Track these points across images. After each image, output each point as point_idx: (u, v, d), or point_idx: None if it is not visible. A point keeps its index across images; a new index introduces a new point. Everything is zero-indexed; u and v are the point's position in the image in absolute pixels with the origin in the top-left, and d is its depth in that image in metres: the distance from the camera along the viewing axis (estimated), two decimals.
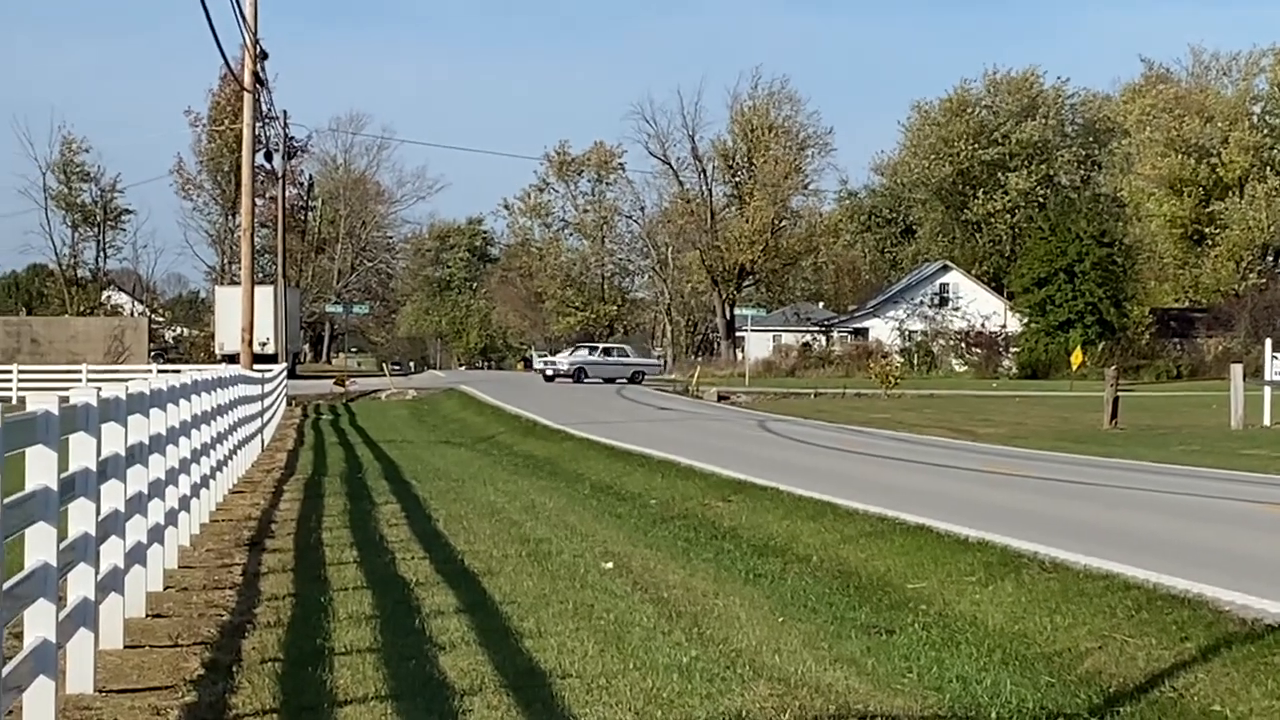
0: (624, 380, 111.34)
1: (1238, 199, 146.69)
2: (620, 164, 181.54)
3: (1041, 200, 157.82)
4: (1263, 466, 40.33)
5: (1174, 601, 17.68)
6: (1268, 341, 73.53)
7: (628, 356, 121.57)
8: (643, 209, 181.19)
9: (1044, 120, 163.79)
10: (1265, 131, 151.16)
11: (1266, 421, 62.29)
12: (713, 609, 19.39)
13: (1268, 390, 65.00)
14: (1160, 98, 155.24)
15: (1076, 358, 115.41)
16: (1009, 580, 20.19)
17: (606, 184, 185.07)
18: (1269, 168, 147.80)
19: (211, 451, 28.72)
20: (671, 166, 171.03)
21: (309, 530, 27.88)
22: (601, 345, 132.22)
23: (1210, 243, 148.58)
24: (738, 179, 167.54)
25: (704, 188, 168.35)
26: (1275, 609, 16.79)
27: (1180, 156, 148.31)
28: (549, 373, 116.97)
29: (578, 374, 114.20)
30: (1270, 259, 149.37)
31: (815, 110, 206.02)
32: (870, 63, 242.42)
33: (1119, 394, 64.52)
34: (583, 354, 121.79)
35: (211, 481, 29.07)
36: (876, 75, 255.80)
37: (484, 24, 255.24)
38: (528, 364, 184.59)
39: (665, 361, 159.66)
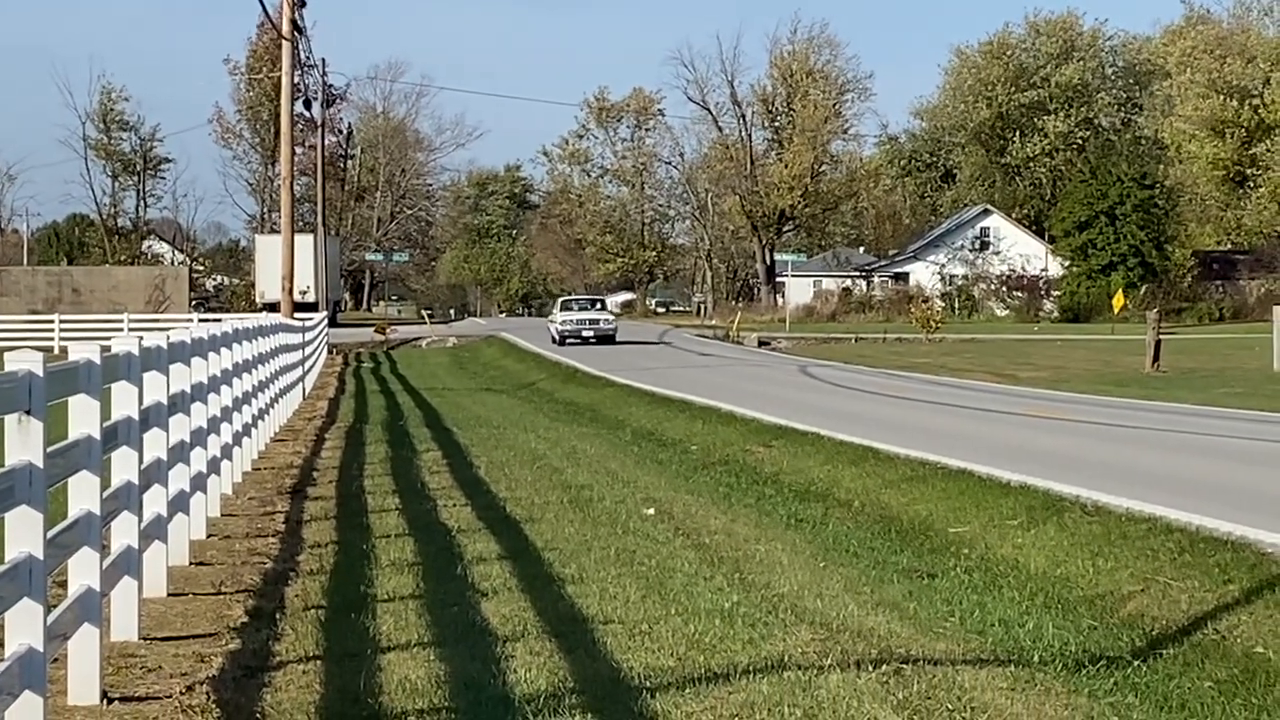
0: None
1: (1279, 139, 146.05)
2: (659, 110, 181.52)
3: (1081, 143, 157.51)
4: None
5: (1217, 544, 17.64)
6: None
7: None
8: (682, 155, 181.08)
9: (1083, 63, 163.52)
10: None
11: None
12: (754, 554, 19.37)
13: None
14: (1201, 39, 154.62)
15: (1118, 301, 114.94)
16: (1050, 524, 20.15)
17: (646, 130, 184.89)
18: None
19: (253, 400, 28.75)
20: (711, 112, 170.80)
21: (351, 478, 27.89)
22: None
23: (1252, 184, 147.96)
24: (777, 124, 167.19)
25: (743, 133, 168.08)
26: None
27: (1222, 98, 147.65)
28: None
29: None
30: None
31: (855, 55, 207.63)
32: (910, 6, 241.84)
33: (1161, 337, 64.32)
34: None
35: (253, 430, 29.10)
36: (917, 19, 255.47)
37: None
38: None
39: (705, 307, 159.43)
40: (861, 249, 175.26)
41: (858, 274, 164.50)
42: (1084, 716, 11.88)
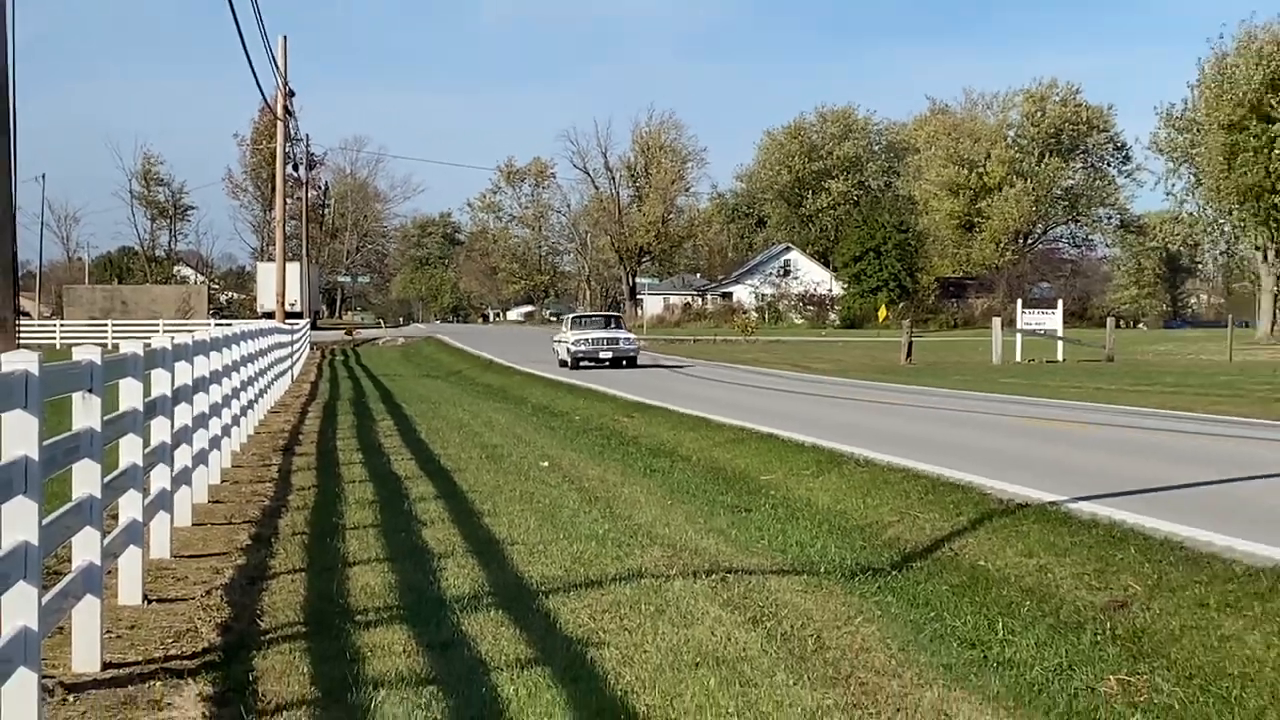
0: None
1: (997, 198, 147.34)
2: (552, 173, 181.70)
3: (856, 199, 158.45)
4: (1014, 390, 40.59)
5: (952, 487, 17.85)
6: (1019, 301, 74.14)
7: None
8: (569, 206, 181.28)
9: (857, 141, 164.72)
10: (1016, 150, 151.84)
11: (1018, 358, 62.93)
12: (620, 495, 19.44)
13: (1018, 336, 65.85)
14: (941, 124, 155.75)
15: (882, 313, 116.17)
16: (833, 473, 20.32)
17: (542, 188, 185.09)
18: (1018, 176, 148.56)
19: (255, 383, 28.69)
20: (589, 175, 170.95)
21: (327, 439, 27.86)
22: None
23: (978, 230, 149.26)
24: (638, 184, 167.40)
25: (613, 190, 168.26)
26: (1024, 492, 16.93)
27: (955, 168, 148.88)
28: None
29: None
30: (1020, 241, 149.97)
31: (694, 134, 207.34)
32: (735, 98, 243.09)
33: (912, 339, 64.87)
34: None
35: (256, 404, 29.04)
36: (739, 108, 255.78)
37: (453, 71, 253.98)
38: (485, 319, 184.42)
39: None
40: (698, 275, 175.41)
41: (695, 293, 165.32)
42: (855, 609, 11.98)
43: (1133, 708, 9.31)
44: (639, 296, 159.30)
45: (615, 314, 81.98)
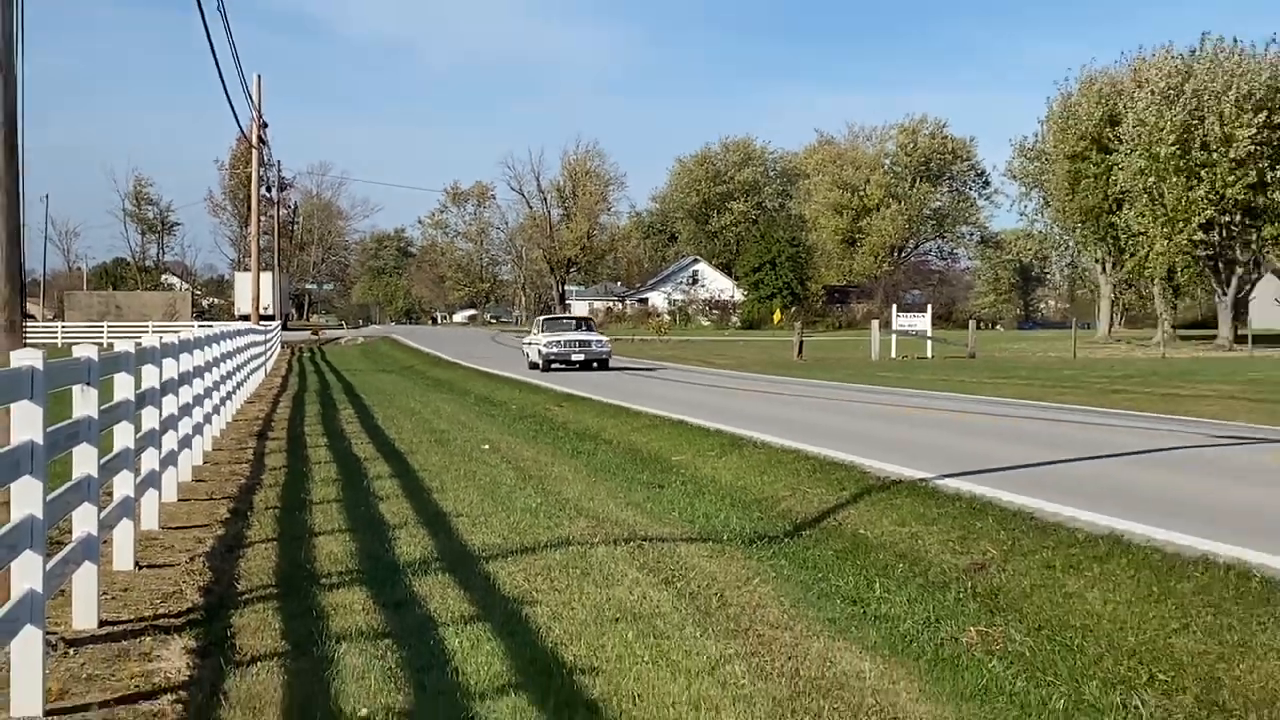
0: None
1: (875, 218, 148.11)
2: (492, 195, 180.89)
3: (755, 218, 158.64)
4: (891, 383, 40.82)
5: (837, 466, 17.92)
6: (894, 306, 74.60)
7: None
8: (506, 223, 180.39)
9: (755, 168, 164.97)
10: (891, 176, 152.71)
11: (893, 355, 63.31)
12: (551, 473, 19.43)
13: (894, 336, 66.22)
14: (827, 153, 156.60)
15: (777, 316, 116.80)
16: (735, 454, 20.36)
17: (484, 207, 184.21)
18: (893, 198, 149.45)
19: (233, 377, 28.52)
20: (524, 197, 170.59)
21: (296, 426, 27.69)
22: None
23: (859, 244, 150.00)
24: (566, 205, 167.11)
25: (545, 210, 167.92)
26: (899, 470, 17.02)
27: (840, 191, 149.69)
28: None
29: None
30: (895, 254, 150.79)
31: (615, 161, 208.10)
32: (650, 130, 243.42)
33: (803, 339, 65.06)
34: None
35: (233, 395, 28.85)
36: (654, 138, 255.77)
37: (407, 105, 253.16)
38: (434, 321, 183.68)
39: (520, 319, 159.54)
40: (619, 283, 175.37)
41: (616, 298, 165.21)
42: (753, 572, 12.01)
43: (990, 655, 9.38)
44: (567, 302, 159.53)
45: (586, 317, 66.72)
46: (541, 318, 57.08)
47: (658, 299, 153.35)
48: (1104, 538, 12.08)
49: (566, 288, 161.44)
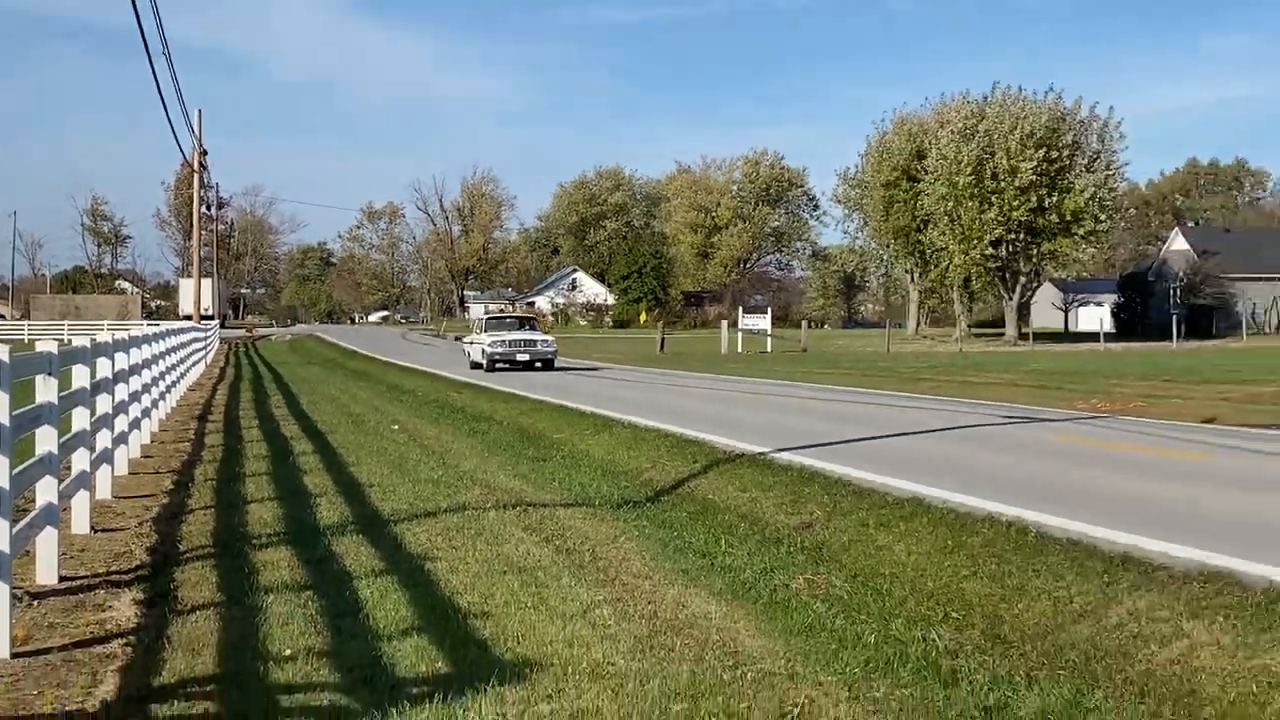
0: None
1: (725, 235, 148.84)
2: (402, 214, 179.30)
3: (624, 234, 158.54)
4: (738, 373, 41.08)
5: (691, 443, 17.99)
6: (740, 309, 74.92)
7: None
8: (414, 237, 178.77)
9: (624, 192, 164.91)
10: (738, 200, 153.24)
11: (739, 350, 63.65)
12: (451, 449, 19.33)
13: (740, 334, 66.53)
14: (685, 181, 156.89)
15: (643, 317, 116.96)
16: (606, 433, 20.39)
17: (395, 223, 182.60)
18: (740, 219, 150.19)
19: (177, 368, 28.06)
20: (429, 215, 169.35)
21: (232, 410, 27.30)
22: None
23: (711, 257, 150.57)
24: (465, 222, 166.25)
25: (448, 227, 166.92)
26: (742, 446, 17.13)
27: (696, 212, 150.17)
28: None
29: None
30: (741, 265, 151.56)
31: (507, 185, 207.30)
32: (538, 158, 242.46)
33: (664, 336, 65.31)
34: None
35: (177, 384, 28.38)
36: (541, 165, 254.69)
37: (330, 135, 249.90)
38: (352, 321, 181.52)
39: (426, 319, 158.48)
40: (510, 288, 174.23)
41: (508, 301, 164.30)
42: (620, 531, 12.05)
43: (815, 598, 9.49)
44: (466, 305, 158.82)
45: (529, 315, 57.54)
46: (484, 316, 48.25)
47: (543, 302, 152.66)
48: (909, 500, 12.27)
49: (465, 293, 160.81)
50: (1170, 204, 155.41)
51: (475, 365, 42.75)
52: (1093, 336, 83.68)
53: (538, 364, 41.58)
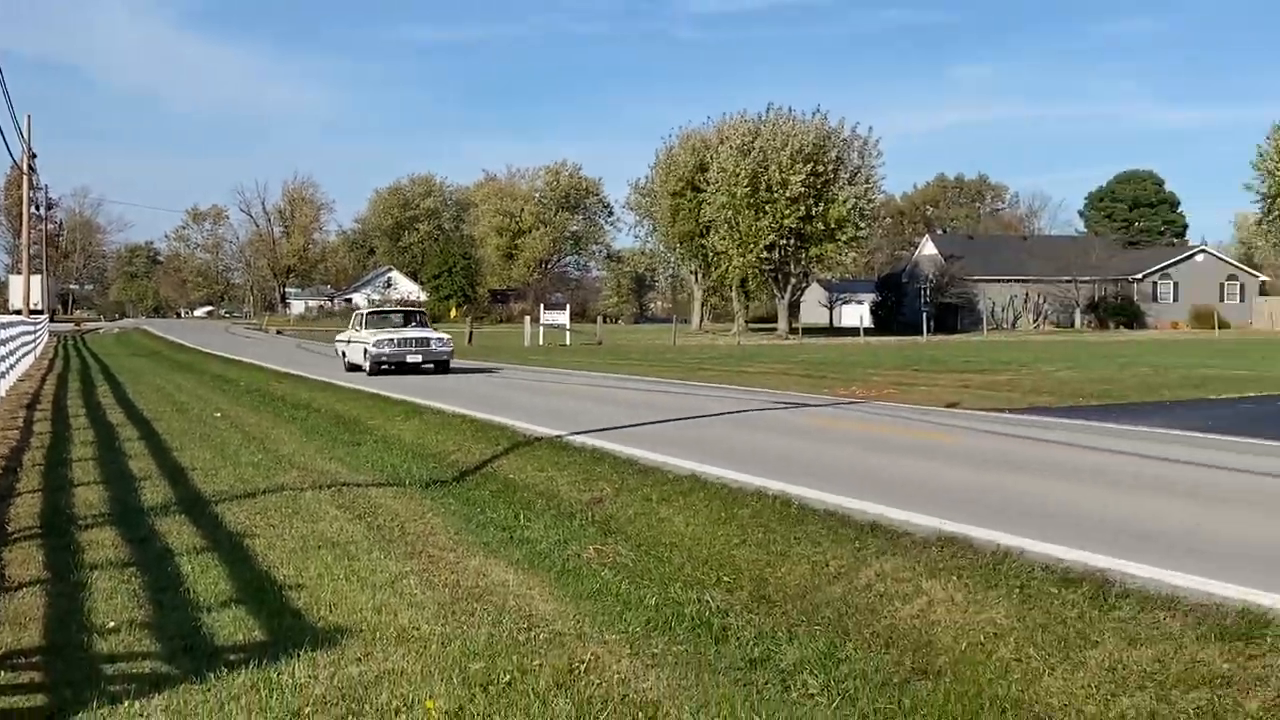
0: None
1: (528, 238, 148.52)
2: (227, 215, 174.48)
3: (436, 236, 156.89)
4: (539, 364, 41.04)
5: (494, 427, 17.91)
6: (541, 305, 74.84)
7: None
8: (238, 238, 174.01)
9: (436, 198, 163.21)
10: (540, 206, 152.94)
11: (541, 343, 63.64)
12: (271, 435, 18.94)
13: (541, 328, 66.49)
14: (492, 188, 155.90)
15: (454, 313, 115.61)
16: (416, 419, 20.18)
17: (219, 225, 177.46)
18: (542, 223, 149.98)
19: (7, 359, 26.84)
20: (252, 217, 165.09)
21: (60, 399, 26.23)
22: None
23: (516, 258, 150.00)
24: (286, 224, 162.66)
25: (270, 228, 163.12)
26: (541, 430, 17.16)
27: (501, 217, 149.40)
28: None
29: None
30: (543, 266, 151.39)
31: (325, 190, 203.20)
32: (357, 165, 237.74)
33: (473, 330, 64.91)
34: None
35: (7, 374, 27.14)
36: (359, 172, 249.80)
37: (157, 140, 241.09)
38: (178, 315, 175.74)
39: (250, 314, 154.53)
40: (329, 285, 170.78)
41: (327, 298, 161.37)
42: (427, 508, 11.98)
43: (604, 566, 9.59)
44: (288, 301, 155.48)
45: (417, 308, 44.99)
46: (364, 311, 37.75)
47: (360, 299, 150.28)
48: (688, 477, 12.45)
49: (287, 290, 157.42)
50: (922, 214, 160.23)
51: (353, 368, 33.54)
52: (854, 331, 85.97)
53: (429, 366, 32.81)
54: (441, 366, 33.15)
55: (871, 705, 6.32)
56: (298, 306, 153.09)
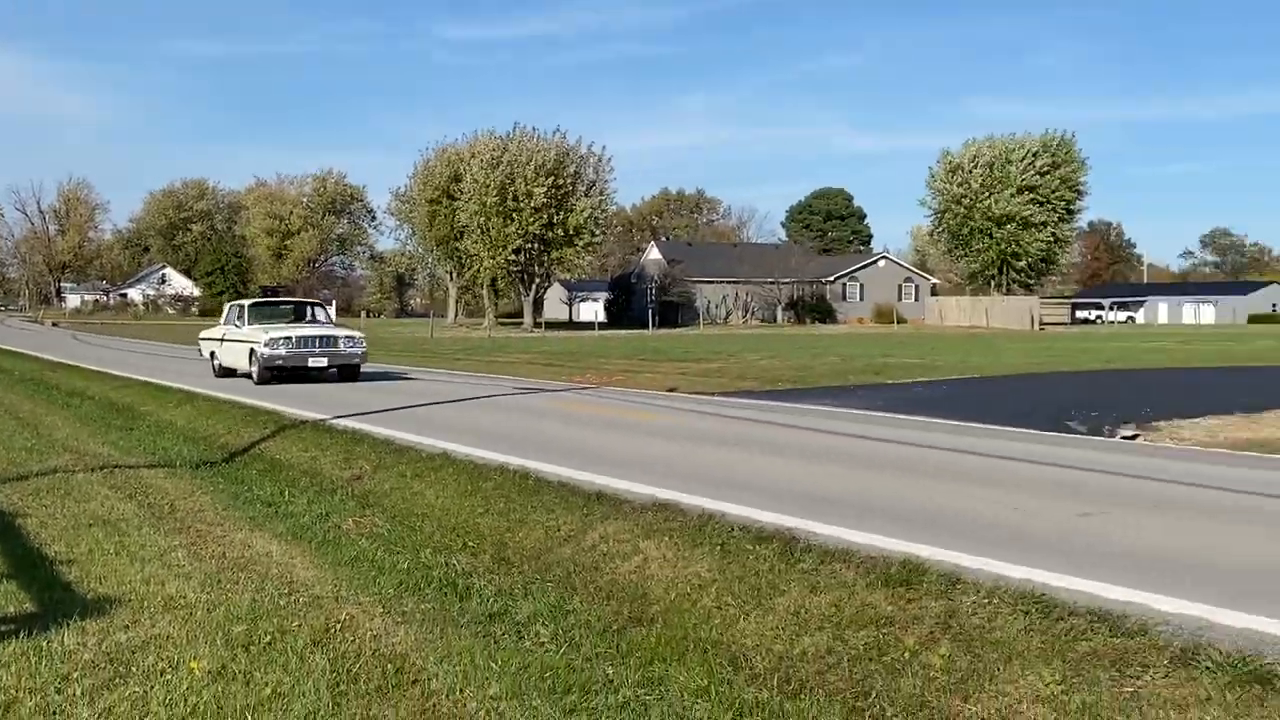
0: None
1: (297, 239, 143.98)
2: (1, 214, 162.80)
3: (210, 237, 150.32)
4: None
5: (263, 412, 17.36)
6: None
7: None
8: (13, 235, 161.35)
9: (209, 201, 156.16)
10: (308, 210, 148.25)
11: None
12: (45, 421, 17.90)
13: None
14: (263, 193, 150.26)
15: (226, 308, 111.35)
16: (189, 405, 19.37)
17: None
18: (310, 226, 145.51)
19: None
20: (27, 216, 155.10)
21: None
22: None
23: (285, 258, 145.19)
24: (62, 223, 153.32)
25: (45, 227, 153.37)
26: (306, 414, 16.73)
27: (272, 220, 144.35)
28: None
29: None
30: (311, 265, 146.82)
31: (102, 191, 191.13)
32: (134, 168, 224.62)
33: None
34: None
35: None
36: (135, 175, 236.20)
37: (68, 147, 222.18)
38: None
39: (25, 308, 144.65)
40: (105, 281, 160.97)
41: (103, 293, 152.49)
42: (197, 487, 11.54)
43: (362, 536, 9.48)
44: (64, 295, 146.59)
45: (313, 300, 28.69)
46: (245, 303, 26.19)
47: (135, 294, 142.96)
48: (439, 455, 12.40)
49: (62, 284, 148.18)
50: (649, 223, 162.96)
51: (226, 372, 24.79)
52: (590, 325, 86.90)
53: (334, 370, 23.62)
54: (351, 373, 23.76)
55: (594, 650, 6.47)
56: (74, 300, 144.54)
